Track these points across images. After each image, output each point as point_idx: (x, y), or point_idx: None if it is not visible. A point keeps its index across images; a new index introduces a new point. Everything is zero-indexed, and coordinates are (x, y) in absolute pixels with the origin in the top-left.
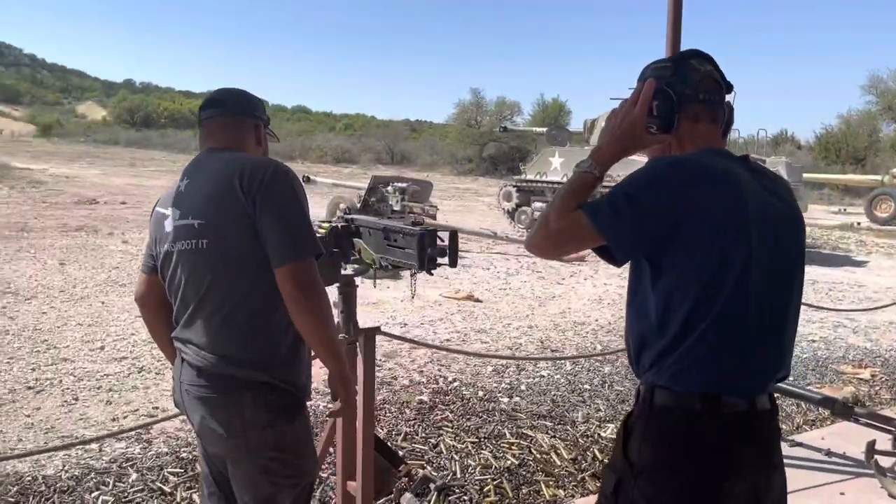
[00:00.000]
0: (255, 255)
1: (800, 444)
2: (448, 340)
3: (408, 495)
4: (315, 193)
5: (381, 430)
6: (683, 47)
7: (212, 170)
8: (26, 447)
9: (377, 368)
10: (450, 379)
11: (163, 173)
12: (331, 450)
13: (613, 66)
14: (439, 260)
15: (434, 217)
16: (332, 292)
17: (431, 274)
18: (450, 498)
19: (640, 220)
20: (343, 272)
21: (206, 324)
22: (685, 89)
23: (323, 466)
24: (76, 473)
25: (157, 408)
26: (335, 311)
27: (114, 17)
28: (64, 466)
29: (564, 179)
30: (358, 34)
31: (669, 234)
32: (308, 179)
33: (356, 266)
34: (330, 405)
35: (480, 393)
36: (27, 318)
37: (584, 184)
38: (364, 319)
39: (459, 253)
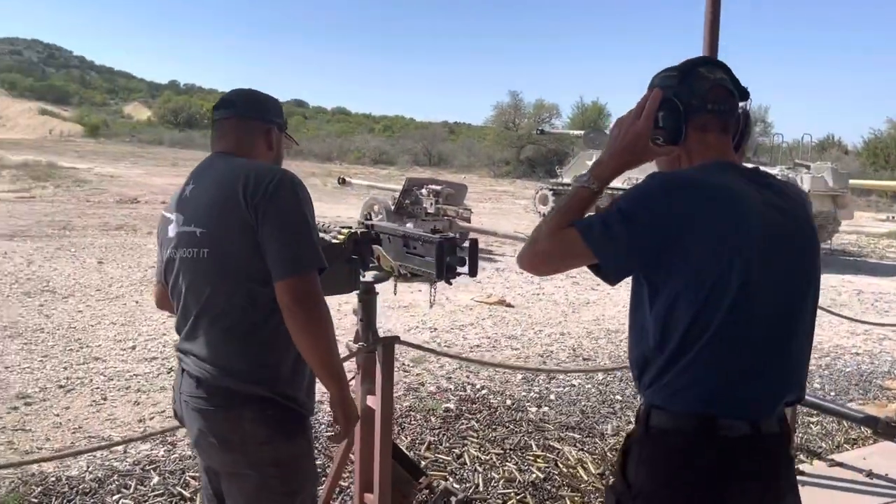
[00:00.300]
0: (256, 267)
1: (840, 465)
2: (478, 346)
3: None
4: (351, 195)
5: (404, 439)
6: (722, 46)
7: (217, 176)
8: (53, 447)
9: (405, 374)
10: (478, 386)
11: None
12: (351, 457)
13: (655, 66)
14: (459, 269)
15: (468, 220)
16: (353, 300)
17: (450, 283)
18: None
19: (633, 239)
20: (363, 279)
21: (206, 335)
22: (692, 99)
23: (343, 475)
24: (99, 475)
25: None
26: (355, 319)
27: (160, 19)
28: (88, 467)
29: None
30: (400, 36)
31: (664, 252)
32: (344, 181)
33: (376, 273)
34: (330, 430)
35: (508, 402)
36: (63, 316)
37: (582, 199)
38: (395, 323)
39: (493, 256)
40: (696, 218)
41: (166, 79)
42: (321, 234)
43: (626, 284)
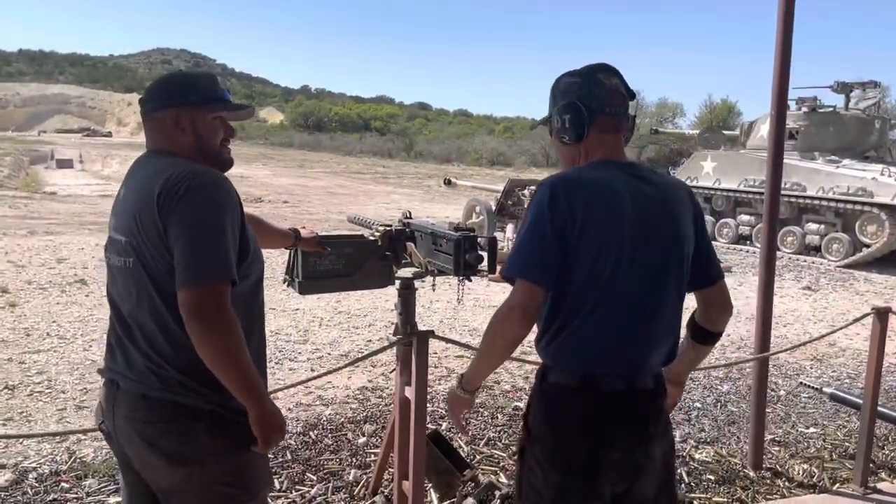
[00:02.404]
0: (173, 277)
1: None
2: None
3: (470, 500)
4: (463, 196)
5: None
6: (798, 35)
7: (139, 181)
8: None
9: None
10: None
11: (327, 174)
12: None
13: (801, 55)
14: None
15: None
16: (391, 294)
17: (470, 280)
18: None
19: (546, 246)
20: (402, 276)
21: (140, 348)
22: (592, 102)
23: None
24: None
25: None
26: (394, 313)
27: (296, 28)
28: None
29: (716, 185)
30: (523, 37)
31: (565, 242)
32: (449, 182)
33: (415, 270)
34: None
35: None
36: None
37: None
38: (482, 321)
39: None
40: (583, 208)
41: (299, 84)
42: (362, 230)
43: (731, 289)
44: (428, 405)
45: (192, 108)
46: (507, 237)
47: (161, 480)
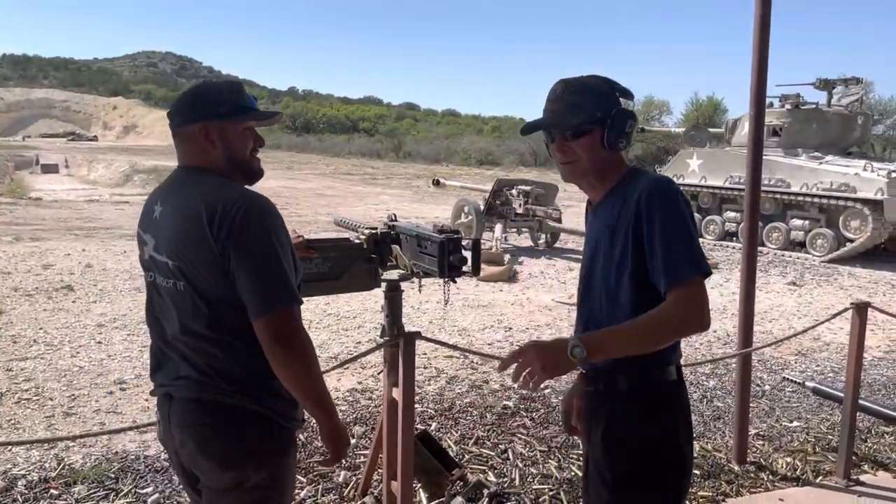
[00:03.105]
0: (231, 300)
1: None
2: None
3: (458, 500)
4: (452, 196)
5: (454, 433)
6: (781, 33)
7: (181, 201)
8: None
9: (472, 371)
10: (542, 386)
11: (315, 175)
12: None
13: (783, 52)
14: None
15: (559, 220)
16: (380, 296)
17: (455, 281)
18: None
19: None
20: (388, 278)
21: (194, 359)
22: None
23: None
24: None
25: None
26: (373, 314)
27: (281, 30)
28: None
29: (702, 182)
30: (511, 37)
31: None
32: (437, 183)
33: (402, 272)
34: (321, 457)
35: None
36: None
37: None
38: (471, 321)
39: (581, 257)
40: None
41: (286, 86)
42: (348, 233)
43: (709, 283)
44: (417, 406)
45: (220, 120)
46: (495, 237)
47: (210, 482)
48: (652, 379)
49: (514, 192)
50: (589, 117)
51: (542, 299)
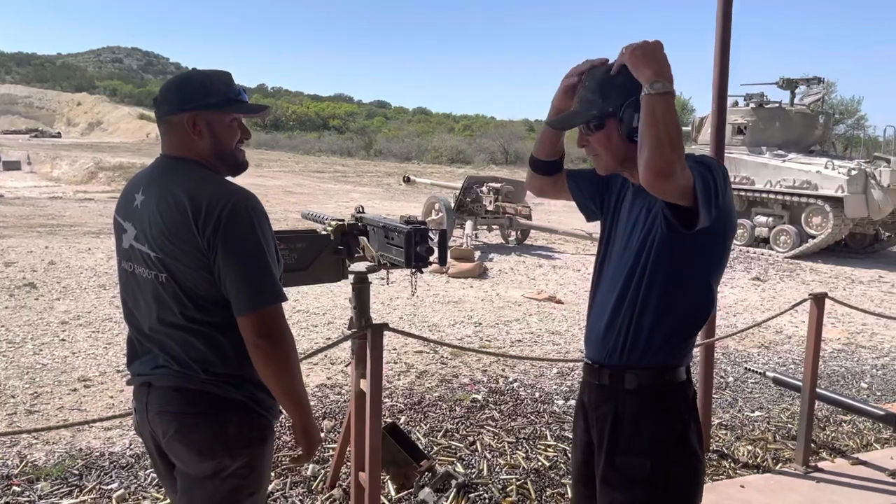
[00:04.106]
0: (214, 294)
1: (863, 463)
2: (519, 341)
3: (426, 490)
4: (423, 193)
5: (424, 426)
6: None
7: (164, 191)
8: (102, 426)
9: (441, 366)
10: (510, 379)
11: (285, 173)
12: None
13: (748, 52)
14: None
15: (529, 217)
16: (348, 293)
17: (422, 272)
18: (470, 496)
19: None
20: (358, 270)
21: (173, 349)
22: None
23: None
24: (138, 451)
25: None
26: (344, 310)
27: (250, 26)
28: (130, 444)
29: None
30: (483, 36)
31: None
32: (408, 180)
33: (370, 264)
34: (291, 453)
35: (537, 394)
36: None
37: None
38: (441, 316)
39: (553, 254)
40: None
41: (255, 83)
42: (315, 225)
43: None
44: (387, 400)
45: (209, 110)
46: (465, 234)
47: (189, 469)
48: (662, 379)
49: (484, 189)
50: (599, 111)
51: (512, 295)
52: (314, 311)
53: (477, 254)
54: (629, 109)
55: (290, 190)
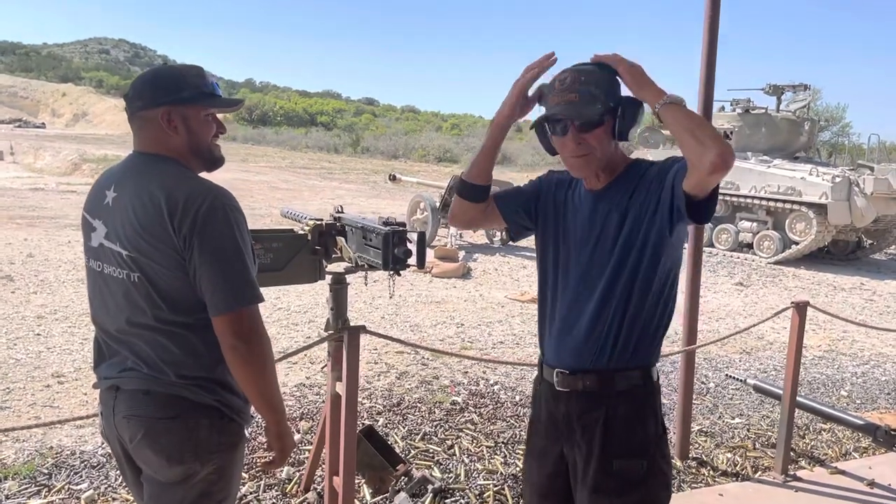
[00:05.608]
0: (187, 294)
1: (842, 472)
2: (501, 342)
3: (402, 495)
4: (409, 192)
5: (402, 429)
6: (732, 39)
7: (138, 188)
8: (75, 424)
9: (422, 367)
10: (491, 381)
11: (271, 169)
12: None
13: (735, 58)
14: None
15: None
16: (323, 288)
17: (400, 274)
18: (446, 501)
19: None
20: (335, 271)
21: (143, 352)
22: None
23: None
24: (110, 451)
25: None
26: (326, 308)
27: (239, 19)
28: (102, 443)
29: None
30: (471, 33)
31: None
32: (394, 178)
33: (347, 265)
34: (264, 455)
35: (518, 398)
36: None
37: None
38: (423, 316)
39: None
40: None
41: (243, 77)
42: (294, 224)
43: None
44: (365, 401)
45: (183, 105)
46: (450, 233)
47: (157, 475)
48: (647, 378)
49: None
50: (603, 107)
51: (496, 296)
52: (295, 308)
53: (461, 254)
54: (630, 108)
55: (276, 186)
